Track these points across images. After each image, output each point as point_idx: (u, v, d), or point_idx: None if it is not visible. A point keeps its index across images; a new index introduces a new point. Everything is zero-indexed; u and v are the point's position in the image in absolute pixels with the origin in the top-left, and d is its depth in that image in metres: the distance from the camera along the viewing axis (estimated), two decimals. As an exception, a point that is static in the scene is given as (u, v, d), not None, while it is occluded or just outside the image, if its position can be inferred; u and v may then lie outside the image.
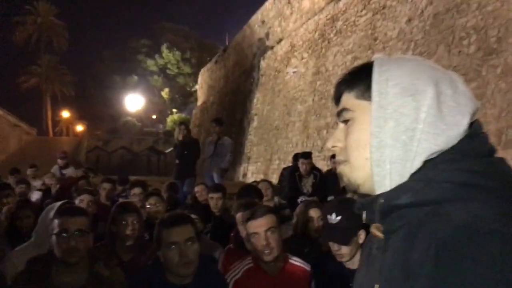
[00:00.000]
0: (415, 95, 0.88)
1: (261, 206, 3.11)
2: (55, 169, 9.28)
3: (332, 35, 15.18)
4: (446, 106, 0.87)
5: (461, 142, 0.87)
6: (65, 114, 57.58)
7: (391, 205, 0.88)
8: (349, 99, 0.97)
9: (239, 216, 3.44)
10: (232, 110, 24.39)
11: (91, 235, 2.45)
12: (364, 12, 13.43)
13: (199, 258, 2.35)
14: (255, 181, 6.59)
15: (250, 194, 4.66)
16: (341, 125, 0.99)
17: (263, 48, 21.34)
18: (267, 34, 20.98)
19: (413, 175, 0.87)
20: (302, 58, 16.95)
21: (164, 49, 51.43)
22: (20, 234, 4.03)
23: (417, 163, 0.87)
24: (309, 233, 3.67)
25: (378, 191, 0.91)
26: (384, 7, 12.41)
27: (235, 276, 2.58)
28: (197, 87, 38.22)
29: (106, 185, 5.50)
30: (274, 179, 14.84)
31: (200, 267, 2.34)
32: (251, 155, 20.47)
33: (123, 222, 3.13)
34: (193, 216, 3.51)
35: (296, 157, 8.98)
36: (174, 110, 50.33)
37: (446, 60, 9.62)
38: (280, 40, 19.48)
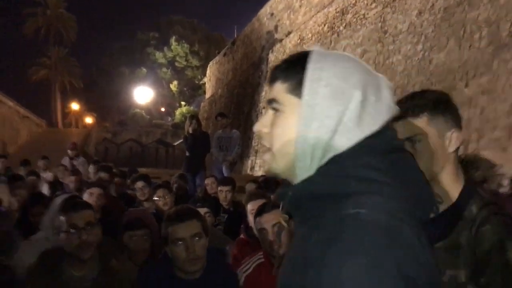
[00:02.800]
0: (342, 99, 0.91)
1: (269, 202, 3.11)
2: (65, 160, 9.35)
3: (341, 28, 15.08)
4: (367, 113, 0.92)
5: (366, 140, 0.92)
6: (74, 106, 57.79)
7: (297, 198, 0.94)
8: (280, 91, 0.98)
9: (249, 206, 3.47)
10: (240, 103, 24.36)
11: (100, 226, 2.45)
12: (374, 5, 13.32)
13: (209, 252, 2.34)
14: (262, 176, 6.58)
15: (271, 187, 4.66)
16: (270, 112, 1.01)
17: (272, 41, 21.26)
18: (276, 27, 20.89)
19: (319, 168, 0.93)
20: (311, 51, 16.83)
21: (172, 41, 51.39)
22: (32, 225, 4.06)
23: (326, 159, 0.93)
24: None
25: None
26: (394, 0, 12.31)
27: (247, 272, 2.59)
28: (205, 79, 38.19)
29: (104, 175, 5.53)
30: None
31: (209, 261, 2.32)
32: (258, 148, 20.47)
33: (133, 238, 3.12)
34: (204, 209, 3.54)
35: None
36: (183, 102, 50.34)
37: (456, 54, 9.53)
38: (289, 33, 19.40)
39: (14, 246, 3.31)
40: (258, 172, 18.20)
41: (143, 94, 53.81)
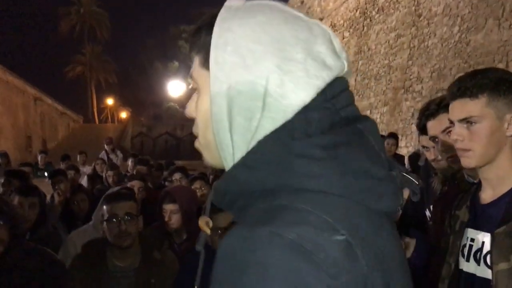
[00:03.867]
0: (252, 67, 0.69)
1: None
2: (103, 154, 9.57)
3: (374, 13, 14.81)
4: (290, 79, 0.69)
5: (295, 117, 0.69)
6: (110, 101, 59.03)
7: (217, 196, 0.76)
8: (195, 64, 0.78)
9: None
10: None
11: (140, 218, 2.50)
12: (407, -13, 13.02)
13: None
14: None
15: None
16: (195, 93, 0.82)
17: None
18: (307, 14, 20.67)
19: (243, 158, 0.71)
20: (343, 38, 16.64)
21: (203, 34, 51.65)
22: (75, 219, 4.18)
23: (251, 143, 0.71)
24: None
25: None
26: (428, -18, 11.99)
27: None
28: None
29: (142, 168, 5.62)
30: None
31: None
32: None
33: (163, 212, 3.18)
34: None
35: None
36: (215, 94, 50.60)
37: (495, 35, 9.21)
38: (320, 20, 19.11)
39: (59, 239, 3.41)
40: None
41: (176, 88, 54.35)
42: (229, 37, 0.71)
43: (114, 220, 2.38)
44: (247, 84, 0.70)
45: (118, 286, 2.38)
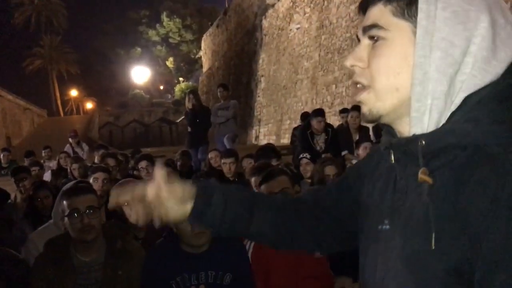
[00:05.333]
0: (467, 23, 0.75)
1: (273, 168, 3.09)
2: (67, 148, 9.37)
3: (333, -13, 14.78)
4: (499, 39, 0.76)
5: (504, 76, 0.76)
6: (73, 92, 57.79)
7: (435, 148, 0.78)
8: (383, 14, 0.81)
9: (253, 180, 3.44)
10: (238, 73, 24.20)
11: (102, 210, 2.46)
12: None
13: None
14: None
15: (268, 155, 4.66)
16: (366, 42, 0.84)
17: (263, 7, 20.92)
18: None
19: (454, 113, 0.77)
20: (305, 13, 16.60)
21: (164, 17, 50.83)
22: (40, 215, 4.08)
23: (458, 100, 0.77)
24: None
25: (414, 127, 0.80)
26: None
27: None
28: (201, 53, 37.88)
29: (111, 161, 5.50)
30: (286, 139, 14.81)
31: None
32: (261, 117, 20.42)
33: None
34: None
35: (304, 115, 8.92)
36: (181, 79, 50.13)
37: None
38: (280, -3, 19.05)
39: (24, 238, 3.33)
40: (263, 141, 18.22)
41: (140, 74, 53.64)
42: None
43: (76, 214, 2.33)
44: (462, 39, 0.76)
45: (85, 281, 2.34)
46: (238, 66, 24.59)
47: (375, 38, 0.83)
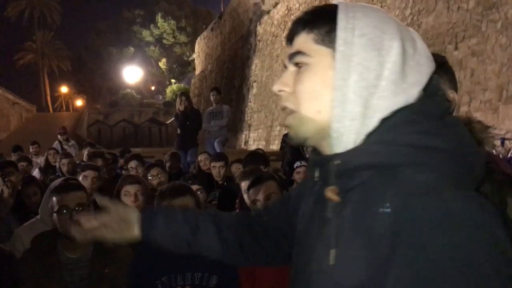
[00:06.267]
0: (381, 50, 0.82)
1: (261, 173, 3.11)
2: (56, 144, 9.31)
3: (328, -4, 14.90)
4: (408, 65, 0.83)
5: (420, 101, 0.83)
6: (64, 89, 57.35)
7: (348, 167, 0.83)
8: (307, 42, 0.87)
9: (243, 185, 3.46)
10: (231, 77, 24.22)
11: (91, 208, 2.46)
12: (360, -29, 13.15)
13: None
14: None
15: (256, 161, 4.68)
16: (292, 68, 0.90)
17: (259, 13, 21.00)
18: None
19: (371, 135, 0.83)
20: (299, 22, 16.67)
21: (159, 18, 50.71)
22: (27, 211, 4.05)
23: (374, 121, 0.82)
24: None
25: (335, 148, 0.86)
26: (380, -35, 12.14)
27: None
28: (194, 56, 37.86)
29: (98, 161, 5.49)
30: (276, 145, 14.83)
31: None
32: (252, 122, 20.44)
33: (125, 193, 3.15)
34: (196, 186, 3.54)
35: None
36: (173, 80, 50.00)
37: (445, 17, 9.46)
38: (276, 4, 19.15)
39: (8, 233, 3.31)
40: (252, 146, 18.23)
41: (132, 74, 53.41)
42: (356, 23, 0.83)
43: (65, 211, 2.33)
44: (376, 64, 0.82)
45: (71, 278, 2.33)
46: (231, 70, 24.62)
47: (300, 64, 0.88)
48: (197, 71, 34.37)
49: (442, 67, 1.50)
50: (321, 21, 0.86)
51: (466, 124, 1.63)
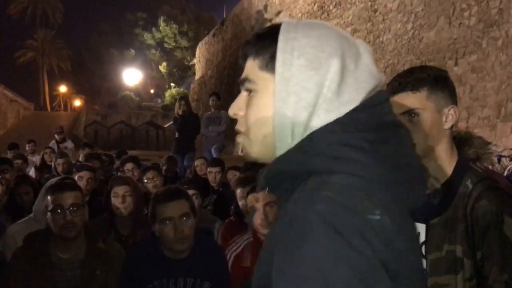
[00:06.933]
0: (319, 69, 0.83)
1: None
2: (52, 144, 9.28)
3: (331, 7, 14.98)
4: (347, 83, 0.83)
5: (347, 115, 0.83)
6: (63, 88, 57.26)
7: (270, 177, 0.87)
8: (253, 68, 0.90)
9: (239, 191, 3.44)
10: (231, 84, 24.25)
11: (86, 208, 2.45)
12: (363, -17, 13.22)
13: (196, 233, 2.34)
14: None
15: (255, 168, 4.67)
16: (244, 93, 0.92)
17: (261, 21, 21.07)
18: (266, 6, 20.71)
19: (295, 145, 0.84)
20: (301, 31, 16.77)
21: (161, 22, 50.83)
22: (20, 209, 4.03)
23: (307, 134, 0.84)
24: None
25: None
26: (384, -22, 12.22)
27: (235, 251, 2.58)
28: (194, 61, 37.93)
29: (95, 162, 5.47)
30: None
31: (197, 241, 2.32)
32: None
33: (114, 194, 3.14)
34: (191, 191, 3.53)
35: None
36: (172, 84, 50.06)
37: (446, 33, 9.50)
38: (278, 13, 19.23)
39: (2, 231, 3.29)
40: (249, 153, 18.21)
41: (132, 76, 53.46)
42: (295, 45, 0.84)
43: (59, 210, 2.32)
44: (313, 84, 0.82)
45: (62, 278, 2.32)
46: (231, 76, 24.66)
47: (249, 90, 0.90)
48: (197, 76, 34.42)
49: (443, 82, 1.50)
50: (265, 46, 0.87)
51: (466, 139, 1.63)
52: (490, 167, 1.88)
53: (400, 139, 0.86)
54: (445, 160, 1.49)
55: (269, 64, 0.86)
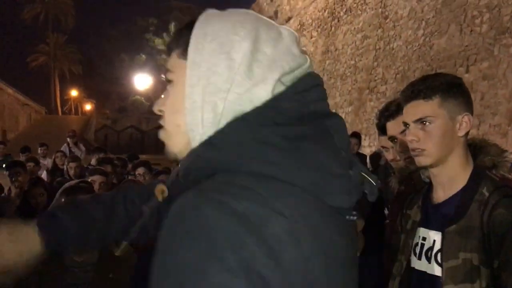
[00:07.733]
0: (230, 52, 0.77)
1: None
2: (64, 147, 9.35)
3: (342, 13, 14.99)
4: (258, 65, 0.77)
5: (265, 105, 0.76)
6: (74, 92, 57.72)
7: (181, 174, 0.80)
8: (172, 58, 0.85)
9: None
10: (240, 89, 24.32)
11: None
12: (374, -10, 13.22)
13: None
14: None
15: None
16: (168, 87, 0.87)
17: (271, 27, 21.14)
18: (276, 13, 20.76)
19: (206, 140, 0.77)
20: (311, 37, 16.78)
21: (172, 27, 51.17)
22: (32, 211, 4.07)
23: (221, 127, 0.77)
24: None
25: None
26: (395, -15, 12.21)
27: None
28: (205, 66, 38.07)
29: (107, 167, 5.50)
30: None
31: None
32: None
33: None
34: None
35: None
36: (182, 89, 50.25)
37: (457, 40, 9.47)
38: (289, 19, 19.28)
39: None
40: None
41: (142, 81, 53.72)
42: (208, 29, 0.80)
43: None
44: (224, 68, 0.76)
45: (75, 281, 2.33)
46: (240, 82, 24.74)
47: (170, 81, 0.86)
48: (207, 81, 34.53)
49: (457, 89, 1.50)
50: (183, 35, 0.83)
51: (481, 146, 1.63)
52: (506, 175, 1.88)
53: (326, 132, 0.78)
54: (460, 168, 1.49)
55: (186, 51, 0.81)
